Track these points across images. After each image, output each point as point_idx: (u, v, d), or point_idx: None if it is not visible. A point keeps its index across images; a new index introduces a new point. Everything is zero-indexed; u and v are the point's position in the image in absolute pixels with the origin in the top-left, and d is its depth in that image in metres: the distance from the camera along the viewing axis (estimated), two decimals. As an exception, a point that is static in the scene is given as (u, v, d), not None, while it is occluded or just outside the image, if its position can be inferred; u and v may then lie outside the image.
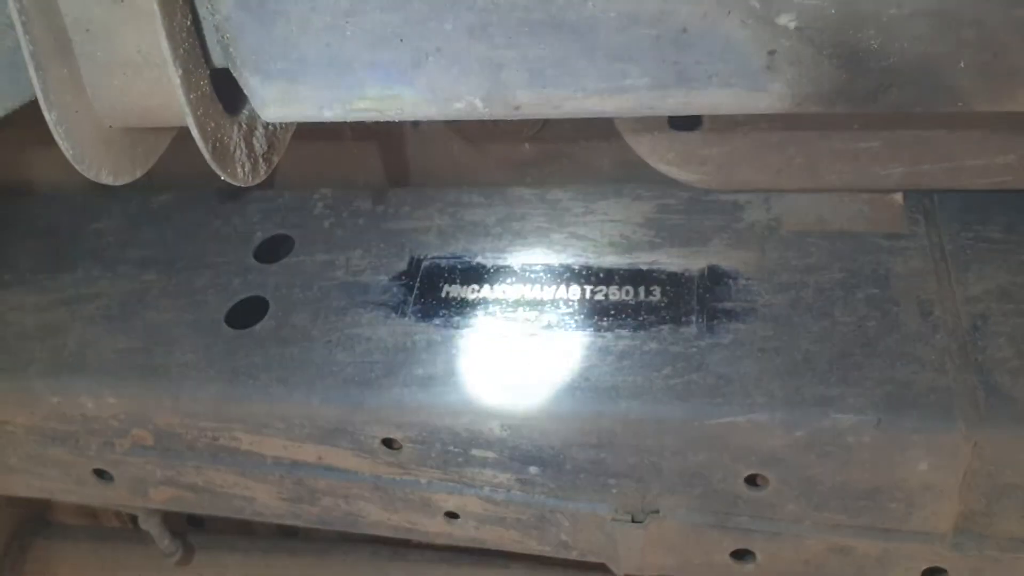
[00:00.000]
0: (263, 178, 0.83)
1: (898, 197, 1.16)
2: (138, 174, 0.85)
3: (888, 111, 0.65)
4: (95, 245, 1.31)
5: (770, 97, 0.65)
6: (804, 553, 1.07)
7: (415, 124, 1.34)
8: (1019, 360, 0.97)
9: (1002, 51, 0.62)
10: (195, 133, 0.74)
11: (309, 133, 1.13)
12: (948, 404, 0.94)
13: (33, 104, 0.76)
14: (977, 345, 0.99)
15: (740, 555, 1.10)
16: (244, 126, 0.81)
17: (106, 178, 0.81)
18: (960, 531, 1.01)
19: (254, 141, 0.82)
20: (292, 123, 0.90)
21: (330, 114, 0.73)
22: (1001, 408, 0.94)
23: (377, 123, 1.36)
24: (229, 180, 0.78)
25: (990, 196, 1.13)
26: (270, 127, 0.85)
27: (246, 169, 0.81)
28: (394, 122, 1.34)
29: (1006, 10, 0.61)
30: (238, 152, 0.80)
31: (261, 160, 0.83)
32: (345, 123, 1.34)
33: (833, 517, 1.03)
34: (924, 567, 1.05)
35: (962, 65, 0.63)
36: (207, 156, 0.75)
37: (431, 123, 1.33)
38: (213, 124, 0.76)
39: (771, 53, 0.63)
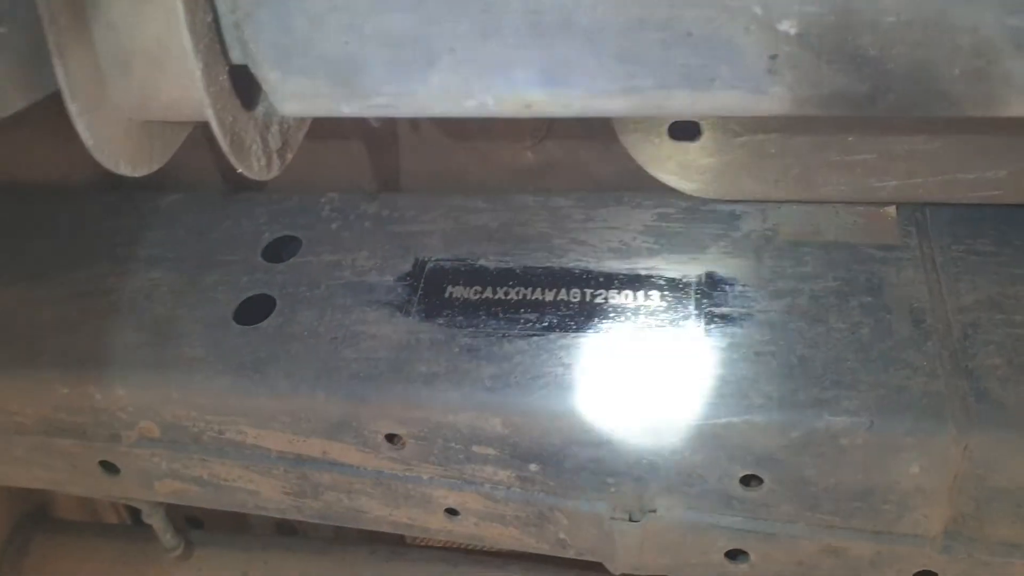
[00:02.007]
0: (276, 173, 0.86)
1: (891, 209, 1.18)
2: (155, 167, 0.88)
3: (885, 115, 0.67)
4: (106, 243, 1.33)
5: (771, 100, 0.68)
6: (798, 554, 1.09)
7: (417, 129, 1.37)
8: (1008, 368, 0.99)
9: (996, 58, 0.65)
10: (214, 126, 0.76)
11: (314, 135, 1.16)
12: (939, 408, 0.97)
13: (44, 101, 0.78)
14: (968, 352, 1.01)
15: (734, 555, 1.12)
16: (260, 122, 0.84)
17: (124, 169, 0.83)
18: (950, 534, 1.03)
19: (269, 137, 0.85)
20: (306, 121, 0.93)
21: (348, 110, 0.75)
22: (991, 413, 0.96)
23: (382, 128, 1.40)
24: (245, 173, 0.81)
25: (981, 210, 1.16)
26: (284, 124, 0.88)
27: (261, 163, 0.84)
28: (398, 128, 1.38)
29: (1000, 18, 0.63)
30: (254, 147, 0.82)
31: (275, 155, 0.86)
32: (350, 126, 1.37)
33: (826, 518, 1.05)
34: (915, 570, 1.07)
35: (957, 72, 0.65)
36: (225, 148, 0.78)
37: (435, 129, 1.36)
38: (231, 118, 0.79)
39: (773, 57, 0.66)
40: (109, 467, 1.26)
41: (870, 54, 0.65)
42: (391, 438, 1.11)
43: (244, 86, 0.81)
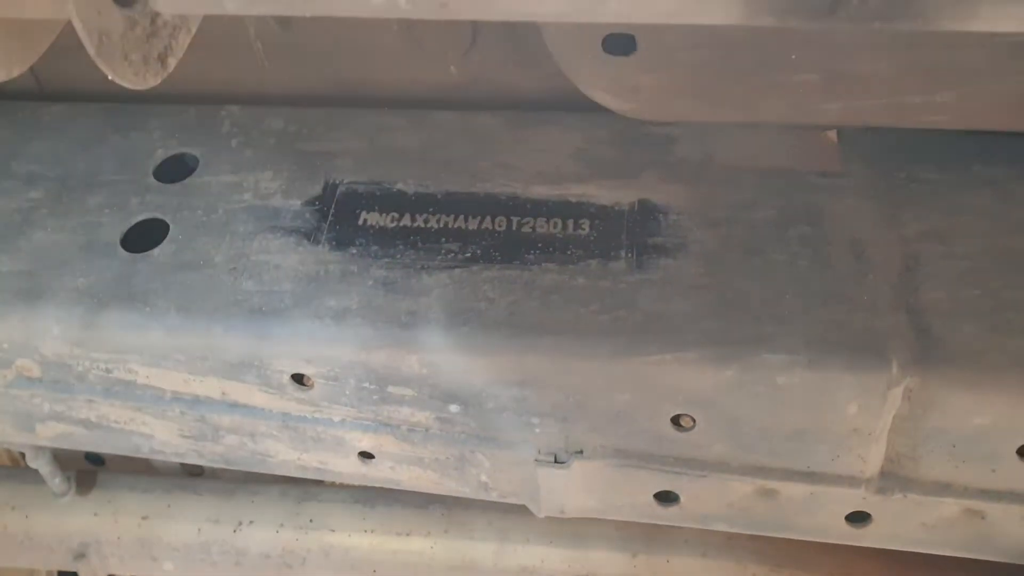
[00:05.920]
0: (157, 82, 0.75)
1: (832, 134, 1.13)
2: (14, 72, 0.76)
3: (847, 26, 0.59)
4: (-27, 158, 1.20)
5: (723, 6, 0.59)
6: (729, 496, 1.05)
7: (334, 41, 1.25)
8: (952, 303, 0.95)
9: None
10: (77, 23, 0.65)
11: (213, 41, 1.02)
12: (880, 345, 0.92)
13: None
14: (910, 286, 0.97)
15: (664, 497, 1.08)
16: (135, 20, 0.72)
17: (-28, 73, 0.71)
18: (885, 475, 0.99)
19: (147, 39, 0.73)
20: (191, 24, 0.81)
21: (232, 6, 0.65)
22: (933, 350, 0.92)
23: (290, 37, 1.27)
24: (118, 80, 0.70)
25: (926, 137, 1.11)
26: (167, 26, 0.76)
27: (137, 70, 0.72)
28: (309, 37, 1.26)
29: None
30: (128, 49, 0.71)
31: (156, 61, 0.75)
32: (256, 36, 1.24)
33: (759, 460, 1.01)
34: (848, 511, 1.04)
35: (928, -24, 0.58)
36: (91, 50, 0.66)
37: (349, 42, 1.25)
38: (98, 13, 0.67)
39: (726, -47, 0.57)
40: (-16, 409, 1.15)
41: (836, -48, 0.57)
42: (298, 378, 1.03)
43: (117, -23, 0.69)
